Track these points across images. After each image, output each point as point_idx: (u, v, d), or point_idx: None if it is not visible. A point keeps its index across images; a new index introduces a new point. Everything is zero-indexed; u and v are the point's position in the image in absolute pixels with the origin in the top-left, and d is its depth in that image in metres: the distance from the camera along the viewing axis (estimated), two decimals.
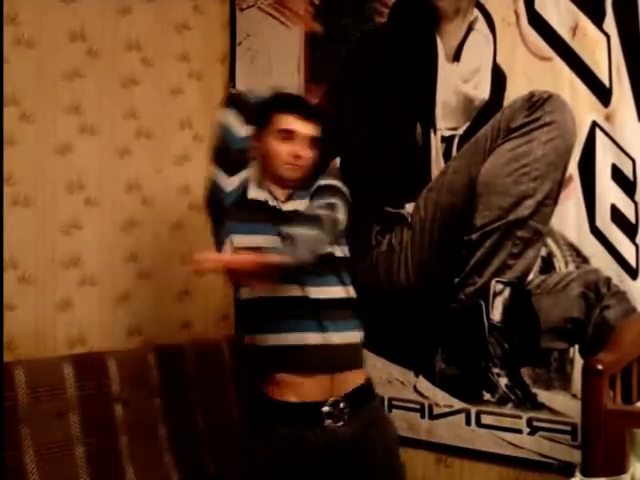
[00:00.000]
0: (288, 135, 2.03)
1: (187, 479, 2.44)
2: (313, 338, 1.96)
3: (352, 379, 2.01)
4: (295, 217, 2.00)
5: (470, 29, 2.40)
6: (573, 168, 2.20)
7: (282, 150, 2.03)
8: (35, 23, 2.51)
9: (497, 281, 2.33)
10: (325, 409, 1.95)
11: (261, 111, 2.05)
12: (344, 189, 2.08)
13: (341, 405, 1.96)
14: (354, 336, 2.04)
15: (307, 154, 2.05)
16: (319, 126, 2.08)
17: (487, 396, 2.37)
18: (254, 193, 2.06)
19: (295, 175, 2.06)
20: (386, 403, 2.58)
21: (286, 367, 1.97)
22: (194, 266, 1.89)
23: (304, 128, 2.04)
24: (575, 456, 2.01)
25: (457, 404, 2.44)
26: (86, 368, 2.34)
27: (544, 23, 2.24)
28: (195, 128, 2.97)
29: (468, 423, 2.42)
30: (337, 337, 1.98)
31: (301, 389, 1.96)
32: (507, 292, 2.32)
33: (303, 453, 1.94)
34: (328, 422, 1.95)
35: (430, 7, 2.47)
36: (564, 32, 2.20)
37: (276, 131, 2.04)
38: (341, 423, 1.96)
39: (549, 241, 2.25)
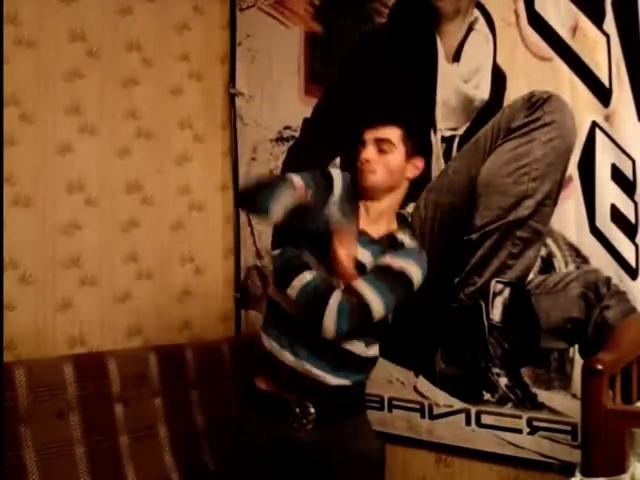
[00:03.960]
0: (363, 144, 2.01)
1: (187, 479, 2.44)
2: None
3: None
4: None
5: (470, 29, 2.40)
6: (573, 168, 2.20)
7: (359, 158, 2.00)
8: (35, 23, 2.51)
9: (497, 281, 2.33)
10: (291, 408, 1.94)
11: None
12: (422, 254, 2.03)
13: (311, 410, 1.93)
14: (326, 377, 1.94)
15: (373, 156, 1.97)
16: (398, 128, 1.99)
17: (487, 396, 2.37)
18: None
19: (367, 183, 1.98)
20: (386, 403, 2.59)
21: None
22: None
23: (369, 133, 2.00)
24: (575, 456, 2.00)
25: (457, 404, 2.44)
26: (86, 368, 2.34)
27: (544, 23, 2.24)
28: (195, 128, 2.97)
29: (468, 423, 2.42)
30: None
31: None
32: (507, 292, 2.32)
33: (271, 442, 1.95)
34: (291, 421, 1.94)
35: (430, 7, 2.47)
36: (564, 32, 2.20)
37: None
38: (308, 427, 1.93)
39: (549, 241, 2.25)
